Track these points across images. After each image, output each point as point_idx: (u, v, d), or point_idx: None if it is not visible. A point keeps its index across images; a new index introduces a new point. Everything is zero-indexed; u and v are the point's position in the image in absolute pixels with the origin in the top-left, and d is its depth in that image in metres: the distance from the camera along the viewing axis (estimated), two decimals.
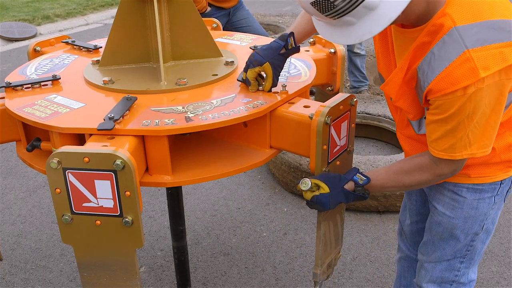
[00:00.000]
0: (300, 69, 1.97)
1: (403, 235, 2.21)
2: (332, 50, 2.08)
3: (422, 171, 1.60)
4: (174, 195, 2.39)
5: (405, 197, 2.15)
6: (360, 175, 1.68)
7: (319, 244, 1.82)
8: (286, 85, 1.75)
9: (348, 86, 5.43)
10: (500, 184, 1.71)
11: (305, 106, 1.70)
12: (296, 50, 1.82)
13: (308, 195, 1.65)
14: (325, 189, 1.63)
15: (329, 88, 2.16)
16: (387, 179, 1.67)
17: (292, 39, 1.79)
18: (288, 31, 1.82)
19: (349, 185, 1.67)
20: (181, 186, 2.43)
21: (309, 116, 1.62)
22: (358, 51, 5.17)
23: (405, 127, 1.78)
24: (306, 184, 1.63)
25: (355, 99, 1.71)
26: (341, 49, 2.09)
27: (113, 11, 10.20)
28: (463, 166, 1.58)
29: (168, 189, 2.38)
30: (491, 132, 1.48)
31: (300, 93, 1.81)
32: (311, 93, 2.06)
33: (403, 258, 2.24)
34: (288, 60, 2.06)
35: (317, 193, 1.64)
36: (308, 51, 2.18)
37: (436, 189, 1.80)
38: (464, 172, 1.66)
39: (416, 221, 2.10)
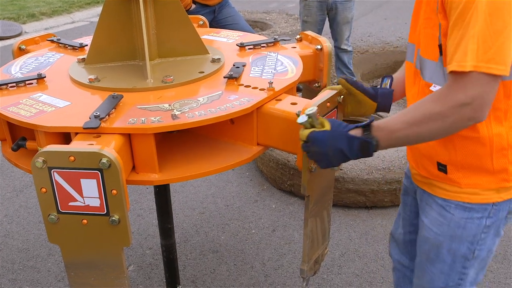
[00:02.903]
0: (286, 65, 1.97)
1: (394, 242, 2.10)
2: (319, 47, 2.08)
3: (432, 100, 1.38)
4: (162, 193, 2.38)
5: (400, 207, 2.04)
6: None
7: (306, 241, 1.83)
8: (272, 82, 1.75)
9: (336, 82, 5.44)
10: (492, 206, 1.59)
11: (292, 103, 1.70)
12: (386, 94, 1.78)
13: (305, 133, 1.49)
14: (325, 126, 1.48)
15: (316, 84, 2.16)
16: (397, 121, 1.44)
17: (389, 81, 1.79)
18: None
19: (355, 131, 1.48)
20: (168, 184, 2.43)
21: (296, 114, 1.62)
22: (345, 47, 5.18)
23: (412, 84, 1.66)
24: (310, 110, 1.47)
25: (342, 96, 1.71)
26: (328, 46, 2.09)
27: (99, 9, 10.13)
28: (480, 100, 1.32)
29: (155, 187, 2.37)
30: (507, 47, 1.30)
31: (287, 90, 1.80)
32: (298, 89, 2.06)
33: (396, 268, 2.13)
34: (274, 56, 2.06)
35: (316, 129, 1.48)
36: (294, 47, 2.18)
37: (426, 201, 1.72)
38: (454, 179, 1.58)
39: (409, 232, 1.99)
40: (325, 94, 1.66)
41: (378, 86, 1.81)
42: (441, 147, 1.58)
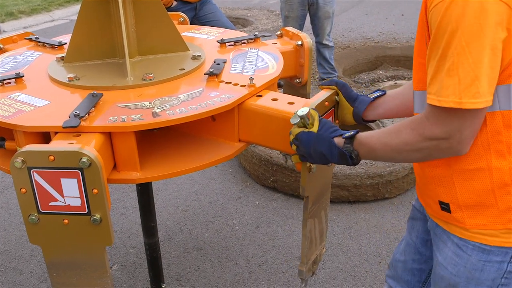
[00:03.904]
0: (267, 61, 1.97)
1: (392, 269, 1.94)
2: (299, 43, 2.09)
3: (410, 128, 1.33)
4: (144, 192, 2.37)
5: (406, 233, 1.88)
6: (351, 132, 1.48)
7: (305, 242, 1.81)
8: (253, 78, 1.75)
9: (317, 78, 5.46)
10: None
11: (273, 99, 1.70)
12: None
13: (295, 131, 1.52)
14: (314, 128, 1.50)
15: (297, 80, 2.16)
16: (377, 140, 1.42)
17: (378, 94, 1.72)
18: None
19: (338, 140, 1.48)
20: (151, 182, 2.42)
21: (294, 113, 1.59)
22: (326, 42, 5.20)
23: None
24: (302, 111, 1.49)
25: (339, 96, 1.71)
26: (308, 41, 2.09)
27: (79, 7, 10.03)
28: (459, 135, 1.27)
29: (138, 185, 2.36)
30: (489, 77, 1.21)
31: (268, 86, 1.80)
32: (279, 85, 2.06)
33: None
34: (255, 53, 2.06)
35: (305, 130, 1.51)
36: (275, 43, 2.18)
37: (440, 237, 1.55)
38: (459, 219, 1.45)
39: (413, 260, 1.83)
40: (323, 94, 1.67)
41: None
42: (439, 185, 1.47)
